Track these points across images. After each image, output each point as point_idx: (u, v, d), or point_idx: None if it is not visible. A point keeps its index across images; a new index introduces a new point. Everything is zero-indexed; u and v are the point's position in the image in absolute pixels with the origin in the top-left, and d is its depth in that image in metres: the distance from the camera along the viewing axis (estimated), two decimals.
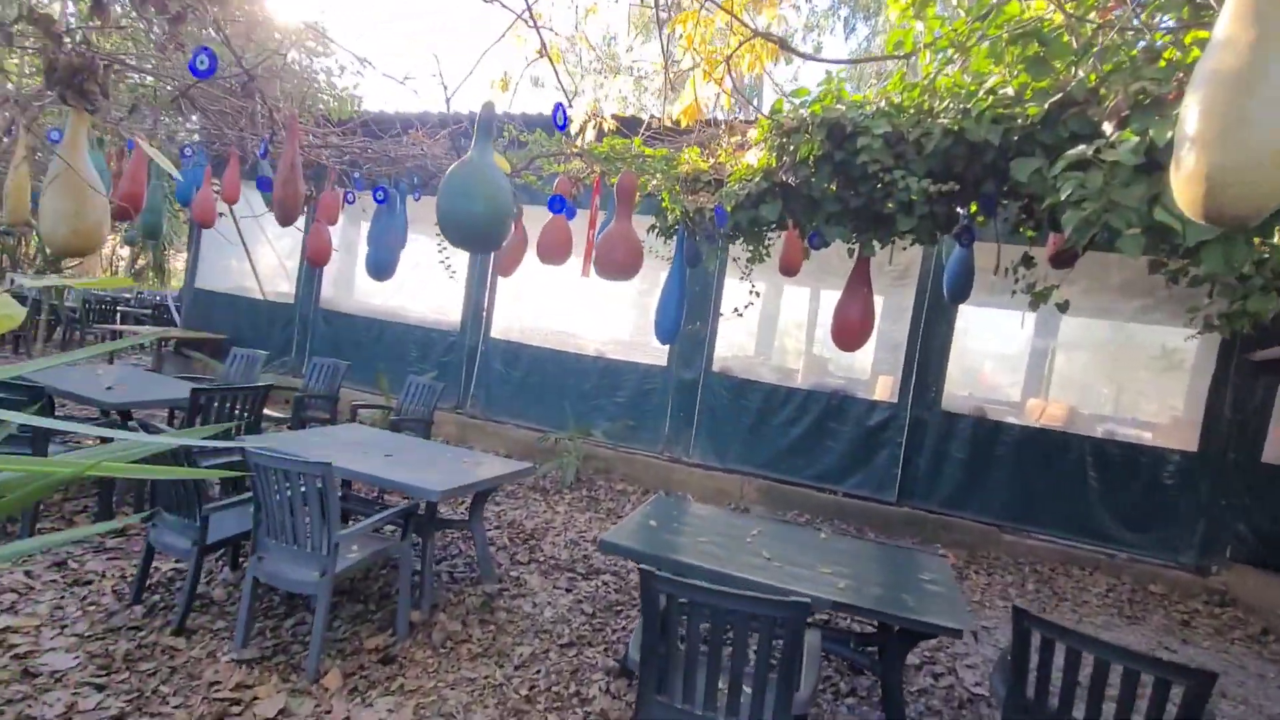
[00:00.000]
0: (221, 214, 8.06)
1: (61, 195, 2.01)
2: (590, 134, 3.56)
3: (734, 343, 7.30)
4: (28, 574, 3.19)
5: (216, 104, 3.94)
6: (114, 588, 3.17)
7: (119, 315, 11.29)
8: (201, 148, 4.85)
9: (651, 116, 3.60)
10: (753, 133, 2.93)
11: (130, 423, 4.21)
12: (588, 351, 7.12)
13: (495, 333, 7.35)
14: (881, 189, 2.37)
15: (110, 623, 2.87)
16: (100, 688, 2.43)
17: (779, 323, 8.24)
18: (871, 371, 7.26)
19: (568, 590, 3.81)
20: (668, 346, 6.43)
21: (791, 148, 2.38)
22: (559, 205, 2.90)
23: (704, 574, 2.51)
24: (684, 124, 3.07)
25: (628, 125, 3.86)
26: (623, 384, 6.63)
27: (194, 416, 4.03)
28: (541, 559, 4.22)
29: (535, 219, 3.54)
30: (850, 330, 2.76)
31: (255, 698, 2.49)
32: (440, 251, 3.88)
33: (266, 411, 5.77)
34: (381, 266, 3.61)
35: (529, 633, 3.26)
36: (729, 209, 2.64)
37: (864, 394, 6.17)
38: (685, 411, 6.38)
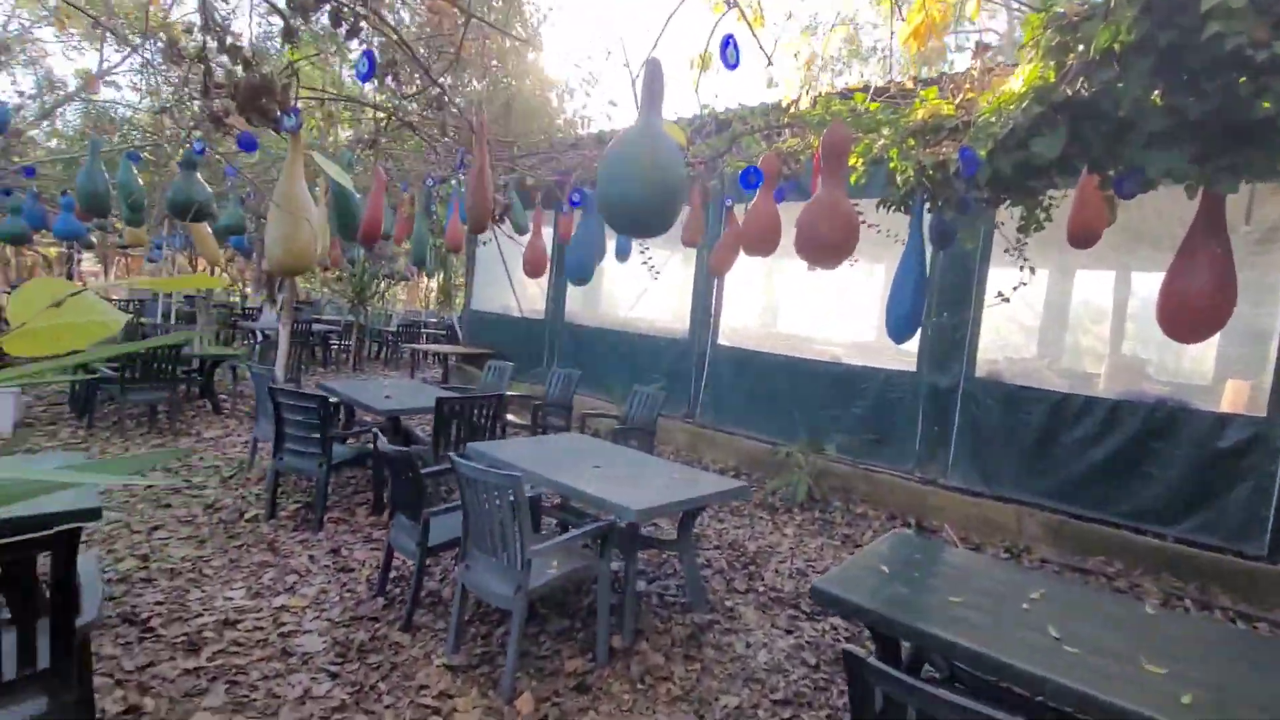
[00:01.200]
0: (484, 242, 9.06)
1: (278, 219, 2.19)
2: (805, 101, 3.06)
3: (1005, 340, 6.01)
4: (310, 558, 3.70)
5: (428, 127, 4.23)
6: (369, 578, 3.52)
7: (424, 335, 13.54)
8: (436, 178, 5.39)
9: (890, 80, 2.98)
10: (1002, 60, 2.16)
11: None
12: (821, 356, 6.45)
13: (722, 338, 7.06)
14: (1246, 86, 1.49)
15: (357, 611, 3.15)
16: (333, 675, 2.63)
17: (1069, 314, 6.62)
18: (1214, 374, 5.40)
19: (788, 631, 3.30)
20: (916, 348, 5.49)
21: (1080, 45, 1.61)
22: (754, 180, 2.47)
23: (956, 652, 1.85)
24: (914, 50, 2.40)
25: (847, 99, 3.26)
26: (862, 392, 5.84)
27: (444, 422, 4.41)
28: (761, 589, 3.76)
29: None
30: (1195, 310, 1.82)
31: (454, 709, 2.48)
32: (643, 253, 3.68)
33: (510, 418, 6.22)
34: (576, 270, 3.53)
35: (738, 679, 2.84)
36: (982, 154, 1.93)
37: (1205, 404, 4.55)
38: (941, 424, 5.36)
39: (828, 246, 2.25)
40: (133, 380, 5.96)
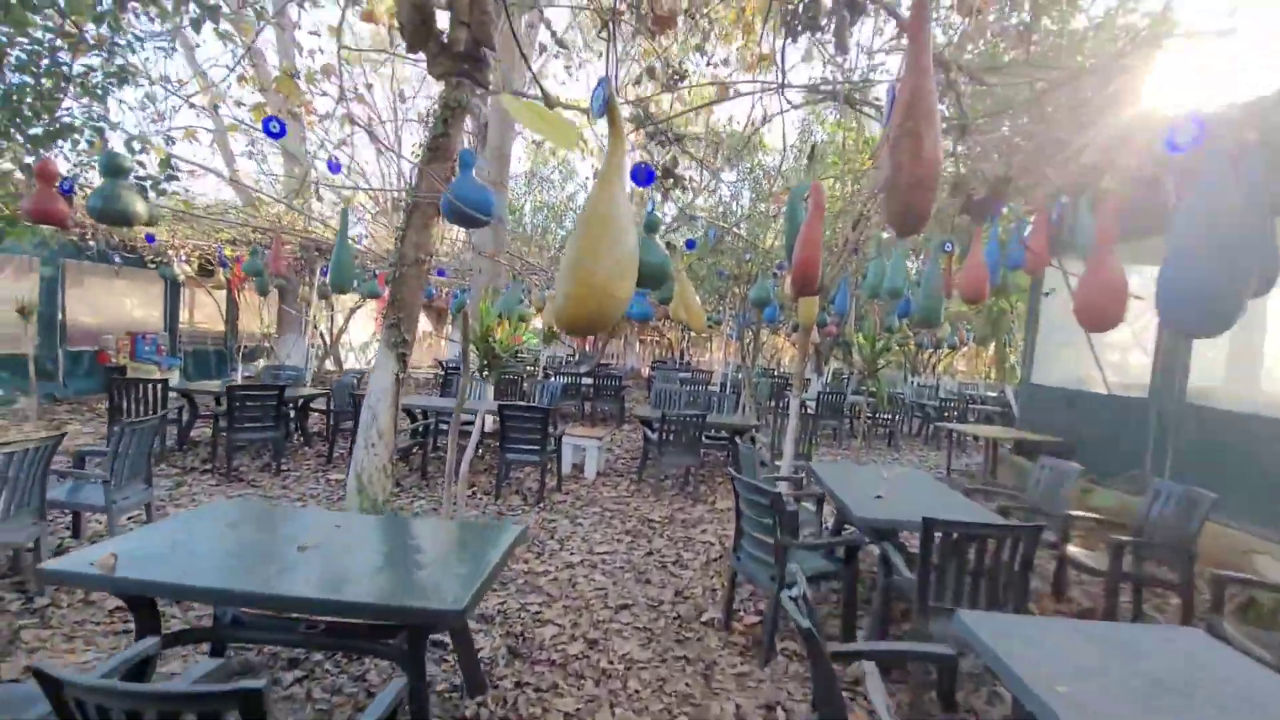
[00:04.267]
0: (1048, 292, 6.85)
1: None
2: None
3: None
4: (737, 710, 2.82)
5: None
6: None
7: (971, 412, 11.52)
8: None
9: None
10: None
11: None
12: None
13: None
14: None
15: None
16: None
17: None
18: None
19: None
20: None
21: None
22: None
23: None
24: None
25: None
26: None
27: (939, 554, 2.94)
28: None
29: None
30: None
31: None
32: None
33: (1075, 555, 4.07)
34: (1197, 308, 1.64)
35: None
36: None
37: None
38: None
39: None
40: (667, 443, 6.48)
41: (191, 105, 6.89)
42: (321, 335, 14.39)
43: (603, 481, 6.96)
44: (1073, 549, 4.11)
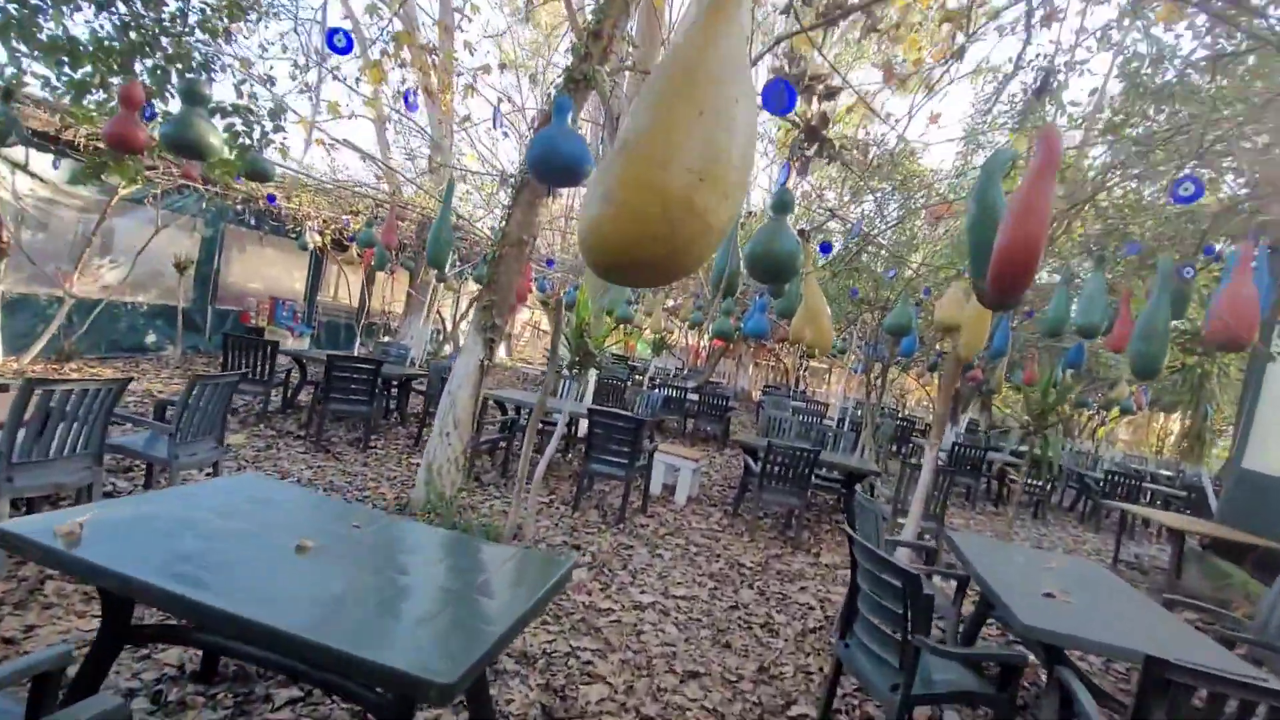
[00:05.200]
0: (1278, 355, 5.37)
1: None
2: None
3: None
4: None
5: None
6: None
7: (1144, 492, 9.60)
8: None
9: None
10: None
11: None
12: None
13: None
14: None
15: None
16: None
17: None
18: None
19: None
20: None
21: None
22: None
23: None
24: None
25: None
26: None
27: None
28: None
29: None
30: None
31: None
32: None
33: None
34: None
35: None
36: None
37: None
38: None
39: None
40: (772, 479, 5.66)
41: (338, 78, 7.01)
42: (441, 318, 14.75)
43: (693, 509, 6.24)
44: None
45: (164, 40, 3.46)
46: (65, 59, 3.56)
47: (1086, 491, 9.37)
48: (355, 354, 9.73)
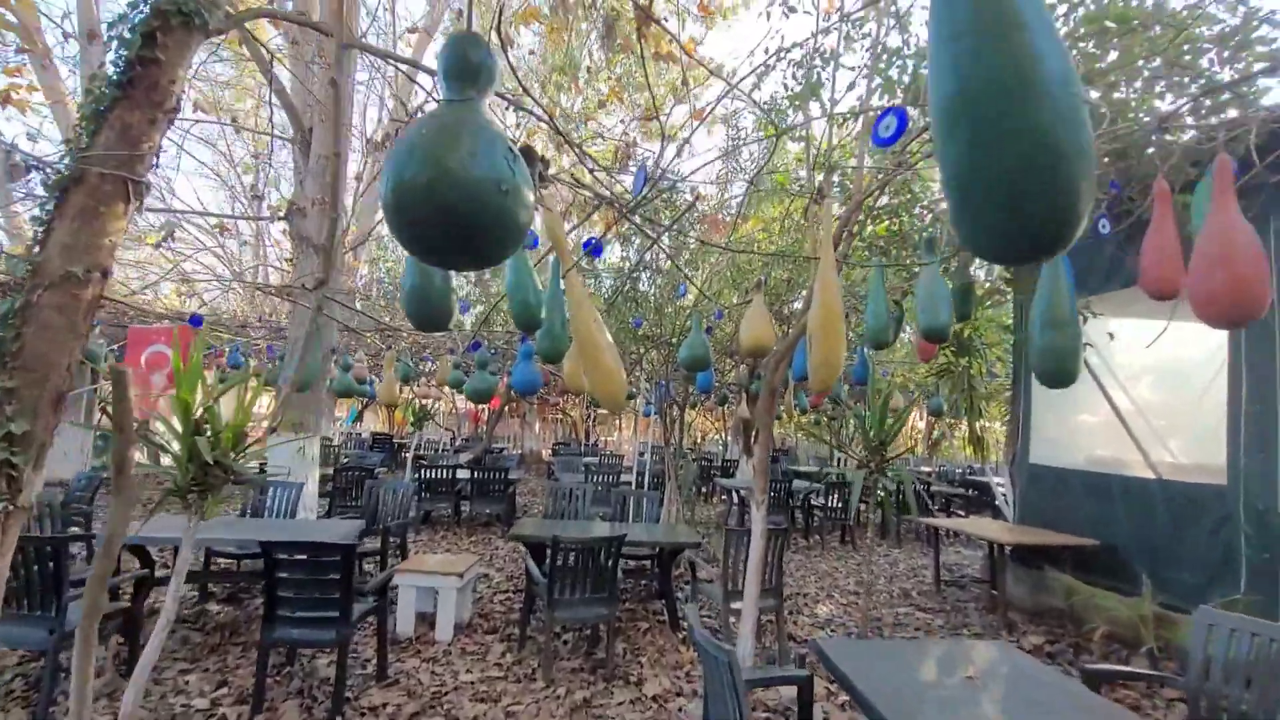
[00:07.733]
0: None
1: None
2: None
3: None
4: None
5: None
6: None
7: (935, 499, 9.79)
8: None
9: None
10: None
11: None
12: None
13: None
14: None
15: None
16: None
17: None
18: None
19: None
20: None
21: None
22: None
23: None
24: None
25: None
26: None
27: None
28: None
29: None
30: None
31: None
32: None
33: None
34: None
35: None
36: None
37: None
38: None
39: None
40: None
41: None
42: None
43: (464, 645, 4.38)
44: None
45: None
46: None
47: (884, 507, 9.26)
48: None
